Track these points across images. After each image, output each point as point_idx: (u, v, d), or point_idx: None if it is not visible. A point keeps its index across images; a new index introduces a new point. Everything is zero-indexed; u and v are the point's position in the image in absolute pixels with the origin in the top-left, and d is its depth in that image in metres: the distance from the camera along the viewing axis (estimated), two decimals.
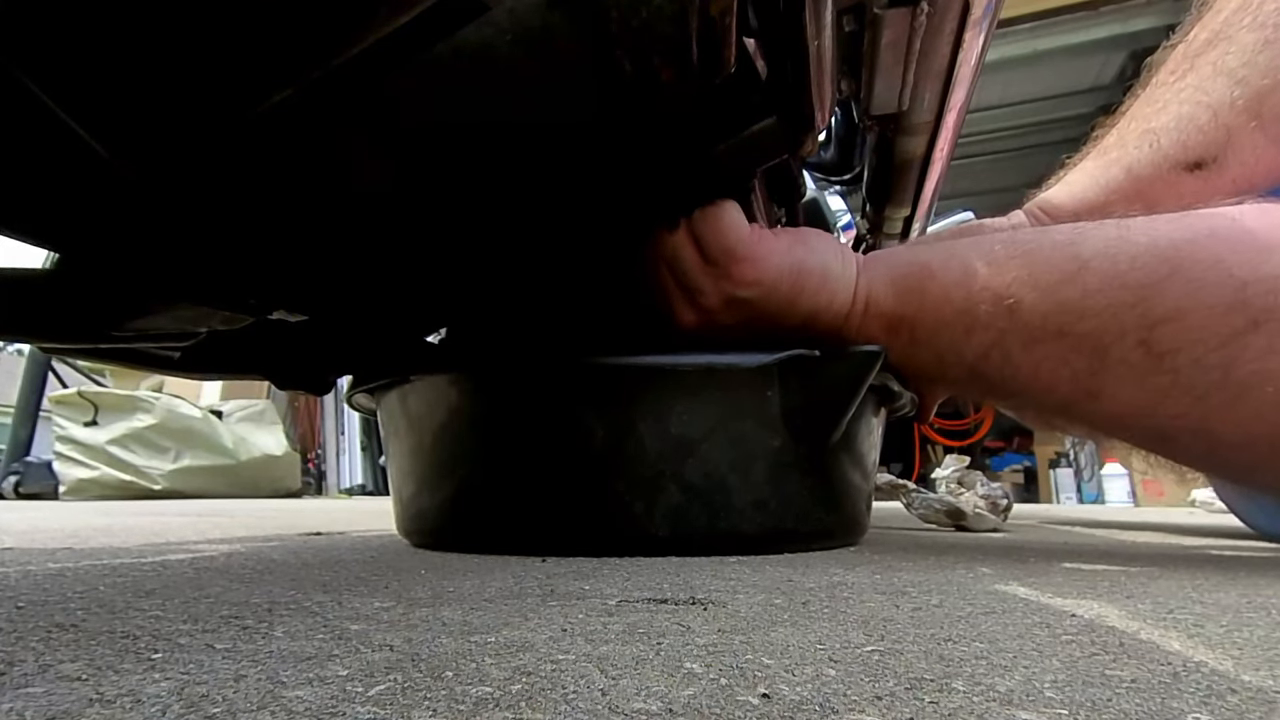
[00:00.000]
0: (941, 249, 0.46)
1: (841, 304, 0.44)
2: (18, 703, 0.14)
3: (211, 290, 0.34)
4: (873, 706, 0.14)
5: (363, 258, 0.39)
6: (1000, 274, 0.41)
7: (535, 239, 0.42)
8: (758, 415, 0.40)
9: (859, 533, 0.49)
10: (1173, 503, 2.20)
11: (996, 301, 0.41)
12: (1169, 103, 0.57)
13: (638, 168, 0.38)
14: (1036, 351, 0.40)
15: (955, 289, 0.42)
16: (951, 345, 0.43)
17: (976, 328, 0.42)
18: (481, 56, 0.26)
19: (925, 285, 0.43)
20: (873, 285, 0.45)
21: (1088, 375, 0.40)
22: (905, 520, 0.85)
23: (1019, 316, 0.40)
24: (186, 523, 0.80)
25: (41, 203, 0.28)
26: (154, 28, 0.22)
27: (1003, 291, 0.41)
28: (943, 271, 0.43)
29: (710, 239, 0.42)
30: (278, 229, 0.34)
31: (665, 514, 0.39)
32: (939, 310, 0.43)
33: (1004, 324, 0.41)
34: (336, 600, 0.26)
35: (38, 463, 2.32)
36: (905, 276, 0.45)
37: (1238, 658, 0.18)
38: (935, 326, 0.43)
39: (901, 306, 0.44)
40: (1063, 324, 0.40)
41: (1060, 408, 0.43)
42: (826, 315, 0.44)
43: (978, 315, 0.41)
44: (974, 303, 0.41)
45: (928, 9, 0.43)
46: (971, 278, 0.42)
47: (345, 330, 0.47)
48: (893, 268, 0.45)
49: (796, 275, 0.43)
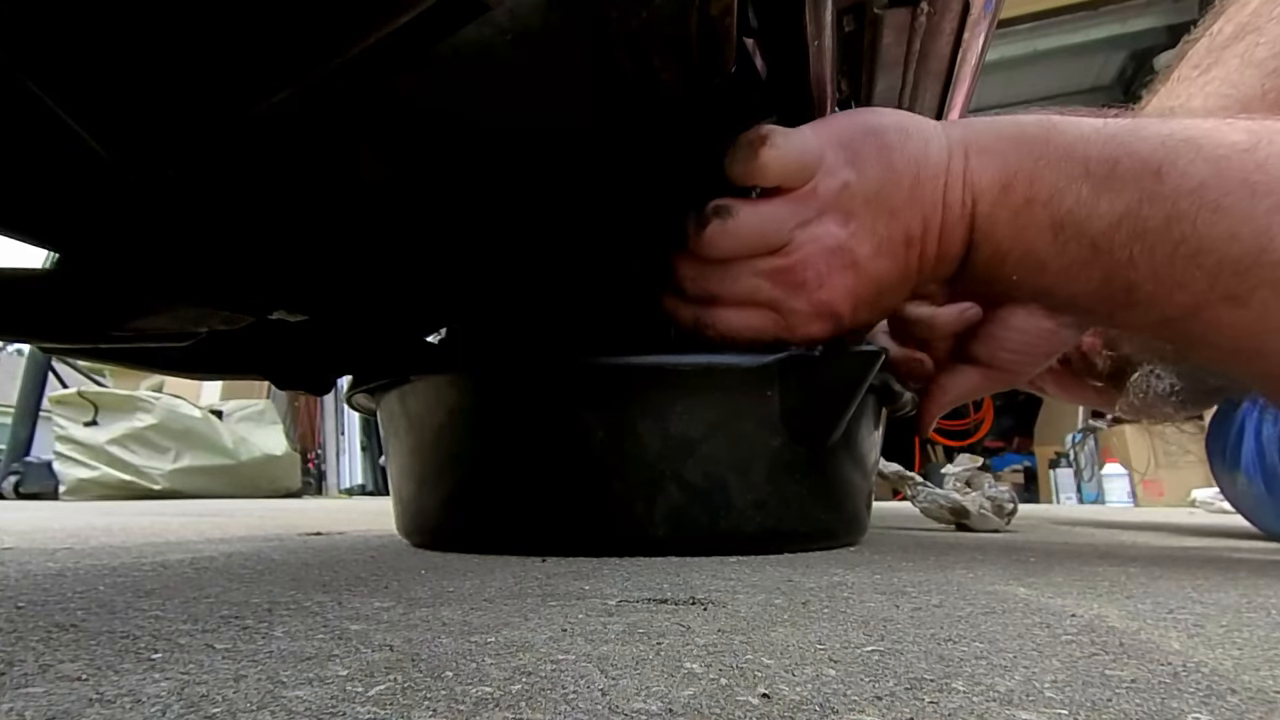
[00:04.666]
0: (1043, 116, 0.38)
1: (937, 155, 0.37)
2: (18, 703, 0.14)
3: (211, 290, 0.34)
4: (873, 706, 0.14)
5: (363, 258, 0.39)
6: (1145, 136, 0.34)
7: (535, 239, 0.42)
8: (758, 415, 0.40)
9: (859, 532, 0.49)
10: (1173, 503, 2.20)
11: (1141, 161, 0.34)
12: (1193, 97, 0.53)
13: (638, 168, 0.38)
14: (1179, 228, 0.33)
15: (1093, 138, 0.35)
16: (1076, 207, 0.35)
17: (1112, 186, 0.34)
18: (481, 57, 0.26)
19: (1048, 134, 0.36)
20: (970, 135, 0.37)
21: (1235, 276, 0.32)
22: (905, 520, 0.85)
23: (1169, 180, 0.33)
24: (186, 523, 0.80)
25: (41, 203, 0.28)
26: (154, 28, 0.22)
27: (1148, 154, 0.33)
28: (1067, 124, 0.36)
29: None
30: (278, 229, 0.34)
31: (665, 514, 0.39)
32: (1067, 159, 0.35)
33: (1149, 186, 0.33)
34: (336, 600, 0.26)
35: (38, 463, 2.32)
36: (1016, 124, 0.37)
37: (1238, 658, 0.18)
38: (1060, 181, 0.35)
39: (1018, 156, 0.36)
40: (1223, 194, 0.32)
41: (1188, 312, 0.34)
42: (926, 172, 0.37)
43: (1116, 172, 0.34)
44: (1113, 158, 0.34)
45: (928, 9, 0.43)
46: (1105, 133, 0.35)
47: (345, 330, 0.47)
48: (992, 122, 0.38)
49: (869, 133, 0.37)
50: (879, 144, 0.37)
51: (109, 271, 0.31)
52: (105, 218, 0.30)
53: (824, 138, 0.37)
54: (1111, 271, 0.35)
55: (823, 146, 0.37)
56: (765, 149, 0.36)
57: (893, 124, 0.38)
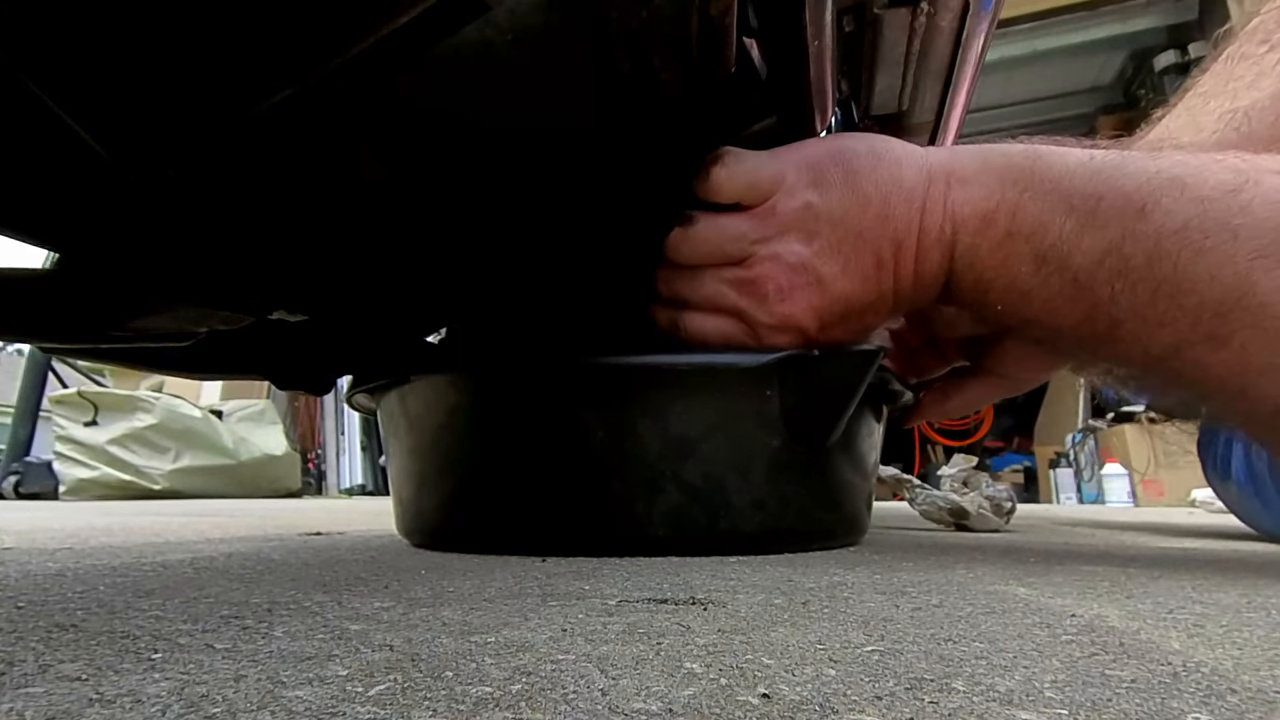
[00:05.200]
0: (1026, 146, 0.38)
1: (912, 180, 0.37)
2: (18, 703, 0.14)
3: (211, 290, 0.34)
4: (873, 706, 0.14)
5: (363, 258, 0.39)
6: (1130, 172, 0.34)
7: (535, 238, 0.42)
8: (757, 415, 0.40)
9: (859, 532, 0.49)
10: (1173, 503, 2.20)
11: (1125, 198, 0.33)
12: (1261, 76, 0.48)
13: (638, 168, 0.38)
14: (1161, 268, 0.33)
15: (1078, 172, 0.35)
16: (1059, 242, 0.35)
17: (1095, 222, 0.34)
18: (482, 57, 0.26)
19: (1034, 165, 0.35)
20: (954, 163, 0.37)
21: (1216, 317, 0.32)
22: (905, 520, 0.85)
23: (1152, 219, 0.33)
24: (186, 523, 0.80)
25: (42, 203, 0.28)
26: (154, 28, 0.22)
27: (1133, 191, 0.33)
28: (1053, 156, 0.36)
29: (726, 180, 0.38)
30: (278, 229, 0.34)
31: (664, 514, 0.39)
32: (1052, 193, 0.35)
33: (1132, 224, 0.33)
34: (336, 600, 0.26)
35: (38, 463, 2.33)
36: (1003, 154, 0.37)
37: (1238, 658, 0.18)
38: (1044, 215, 0.35)
39: (1001, 187, 0.36)
40: (1205, 237, 0.32)
41: (1170, 351, 0.34)
42: (897, 196, 0.37)
43: (1100, 209, 0.34)
44: (1098, 194, 0.34)
45: (928, 9, 0.43)
46: (1091, 168, 0.35)
47: (345, 330, 0.47)
48: (978, 150, 0.38)
49: (836, 157, 0.38)
50: (846, 169, 0.38)
51: (109, 271, 0.31)
52: (105, 218, 0.30)
53: (788, 161, 0.38)
54: (1095, 307, 0.35)
55: (784, 169, 0.38)
56: (715, 168, 0.38)
57: (864, 149, 0.38)
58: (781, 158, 0.39)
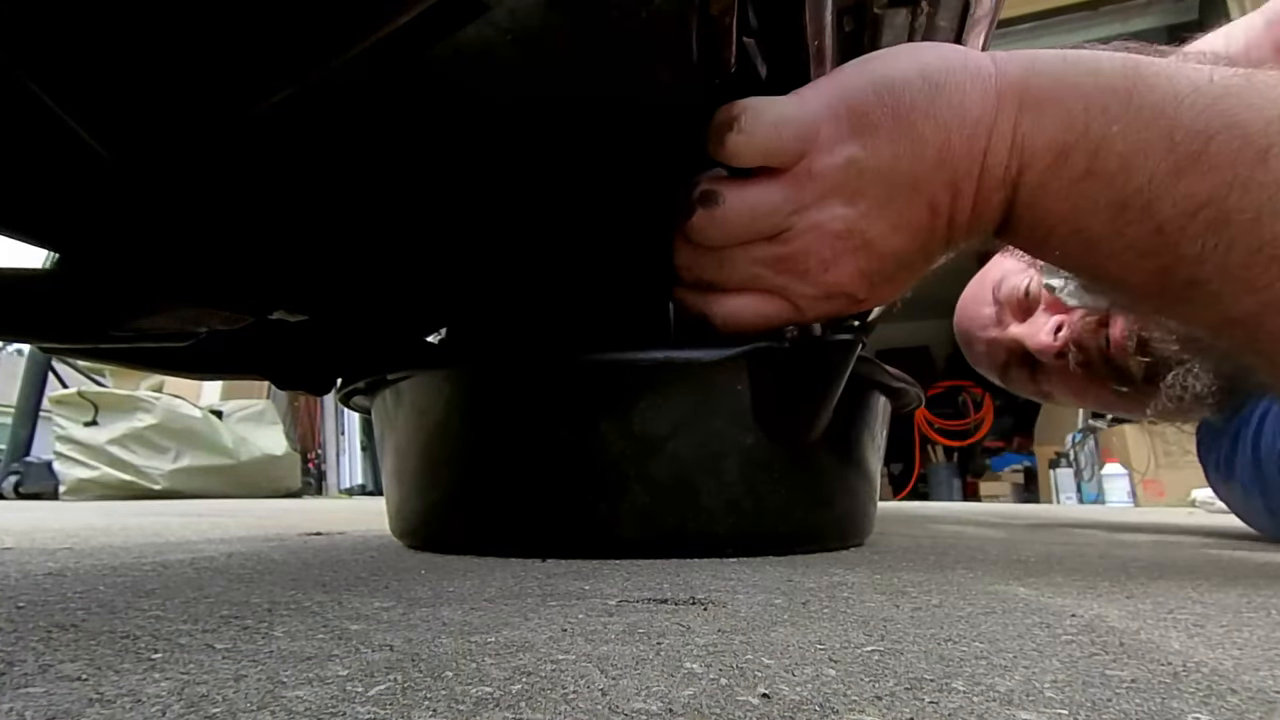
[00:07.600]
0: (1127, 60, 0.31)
1: (979, 108, 0.30)
2: (18, 703, 0.14)
3: (212, 290, 0.34)
4: (873, 706, 0.14)
5: (363, 258, 0.39)
6: (1256, 104, 0.28)
7: (533, 238, 0.42)
8: (727, 411, 0.38)
9: (856, 535, 0.47)
10: (1173, 503, 2.20)
11: (1245, 140, 0.28)
12: None
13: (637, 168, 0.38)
14: (1271, 226, 0.28)
15: (1191, 100, 0.28)
16: (1147, 186, 0.29)
17: (1200, 166, 0.28)
18: (482, 56, 0.26)
19: (1132, 88, 0.29)
20: (1030, 78, 0.31)
21: None
22: (905, 520, 0.85)
23: (1273, 168, 0.27)
24: (186, 523, 0.80)
25: (41, 203, 0.28)
26: (155, 28, 0.22)
27: (1257, 132, 0.28)
28: (1159, 75, 0.29)
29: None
30: (278, 229, 0.34)
31: (630, 515, 0.38)
32: (1151, 126, 0.29)
33: (1247, 171, 0.28)
34: (336, 600, 0.26)
35: (38, 463, 2.32)
36: (1093, 69, 0.30)
37: (1238, 658, 0.18)
38: (1136, 154, 0.29)
39: (1086, 114, 0.30)
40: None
41: (1250, 317, 0.30)
42: (959, 134, 0.31)
43: (1209, 150, 0.28)
44: (1210, 131, 0.28)
45: (928, 9, 0.43)
46: (1209, 94, 0.28)
47: (345, 330, 0.47)
48: (1062, 60, 0.31)
49: (882, 92, 0.31)
50: (895, 106, 0.31)
51: (109, 271, 0.31)
52: (105, 218, 0.30)
53: (819, 106, 0.32)
54: (1173, 264, 0.30)
55: (816, 119, 0.32)
56: (731, 135, 0.32)
57: (917, 76, 0.31)
58: (810, 102, 0.32)
